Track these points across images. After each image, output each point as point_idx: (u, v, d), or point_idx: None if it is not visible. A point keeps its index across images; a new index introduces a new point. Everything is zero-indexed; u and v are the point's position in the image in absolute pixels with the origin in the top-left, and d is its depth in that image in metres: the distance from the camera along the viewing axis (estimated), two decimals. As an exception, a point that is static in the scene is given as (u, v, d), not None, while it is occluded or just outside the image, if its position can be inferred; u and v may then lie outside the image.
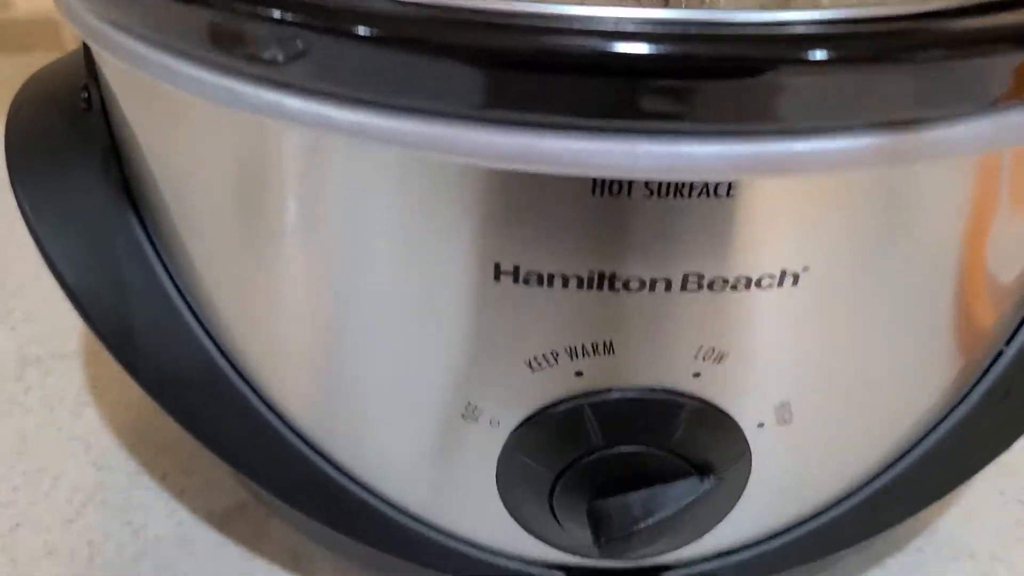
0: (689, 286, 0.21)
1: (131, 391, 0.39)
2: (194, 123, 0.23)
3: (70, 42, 0.67)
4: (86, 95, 0.28)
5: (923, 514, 0.34)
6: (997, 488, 0.36)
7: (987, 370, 0.28)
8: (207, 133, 0.23)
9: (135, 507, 0.34)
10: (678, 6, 0.20)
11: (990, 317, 0.27)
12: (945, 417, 0.28)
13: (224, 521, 0.34)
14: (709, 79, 0.18)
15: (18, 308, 0.45)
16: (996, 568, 0.32)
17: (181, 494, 0.35)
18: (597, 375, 0.23)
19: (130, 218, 0.28)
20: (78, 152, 0.29)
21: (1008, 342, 0.28)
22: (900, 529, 0.34)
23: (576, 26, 0.18)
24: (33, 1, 0.64)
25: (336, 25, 0.18)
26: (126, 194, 0.28)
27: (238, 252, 0.25)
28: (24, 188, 0.29)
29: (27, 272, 0.47)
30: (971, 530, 0.34)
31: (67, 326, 0.43)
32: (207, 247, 0.26)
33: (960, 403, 0.28)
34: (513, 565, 0.28)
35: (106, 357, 0.40)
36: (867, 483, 0.28)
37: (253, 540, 0.33)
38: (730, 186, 0.20)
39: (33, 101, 0.31)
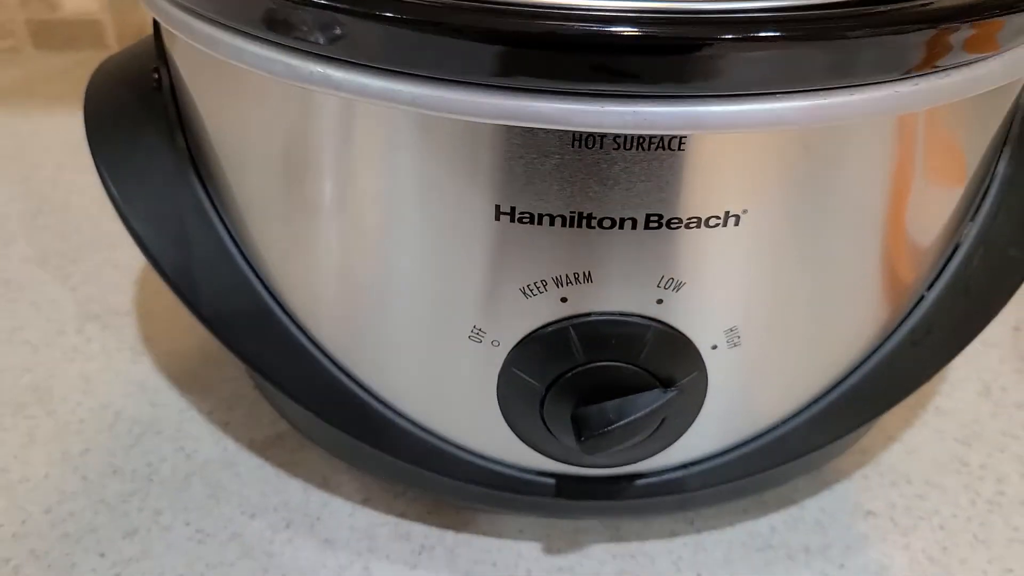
0: (651, 224, 0.26)
1: (180, 344, 0.45)
2: (251, 95, 0.29)
3: (113, 41, 0.72)
4: (157, 76, 0.34)
5: (867, 447, 0.39)
6: (936, 428, 0.41)
7: (911, 311, 0.33)
8: (261, 103, 0.28)
9: (186, 436, 0.40)
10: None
11: (912, 265, 0.32)
12: (876, 350, 0.33)
13: (263, 448, 0.39)
14: (662, 54, 0.23)
15: (76, 272, 0.50)
16: (929, 492, 0.37)
17: (225, 426, 0.40)
18: (579, 301, 0.28)
19: (193, 180, 0.34)
20: (150, 124, 0.34)
21: (929, 288, 0.33)
22: (847, 459, 0.39)
23: (559, 12, 0.23)
24: (80, 3, 0.70)
25: (372, 11, 0.23)
26: (190, 159, 0.34)
27: (282, 204, 0.30)
28: (102, 155, 0.34)
29: (82, 241, 0.53)
30: (910, 462, 0.39)
31: (120, 289, 0.49)
32: (256, 201, 0.32)
33: (889, 338, 0.33)
34: (511, 472, 0.33)
35: (156, 315, 0.46)
36: (809, 405, 0.33)
37: (289, 465, 0.39)
38: (681, 140, 0.25)
39: (108, 81, 0.36)
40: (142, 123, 0.34)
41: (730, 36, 0.23)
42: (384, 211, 0.28)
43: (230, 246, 0.34)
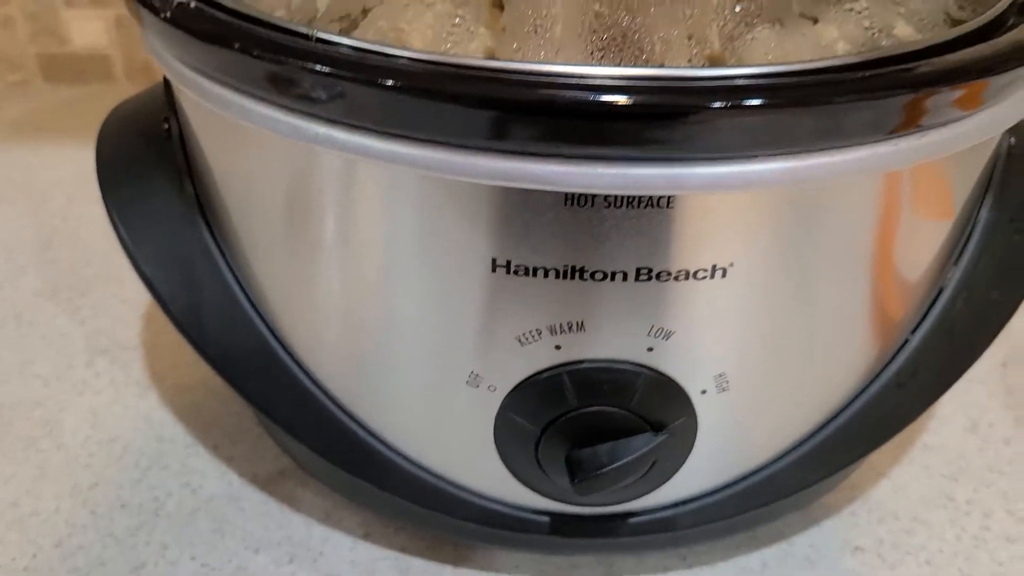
0: (641, 277, 0.27)
1: (186, 378, 0.46)
2: (258, 150, 0.30)
3: (121, 74, 0.74)
4: (167, 126, 0.35)
5: (856, 483, 0.40)
6: (923, 464, 0.41)
7: (896, 354, 0.34)
8: (267, 157, 0.30)
9: (192, 471, 0.41)
10: (629, 64, 0.26)
11: (897, 310, 0.33)
12: (861, 392, 0.34)
13: (267, 483, 0.40)
14: (650, 121, 0.24)
15: (85, 305, 0.51)
16: (916, 527, 0.38)
17: (230, 461, 0.41)
18: (572, 349, 0.29)
19: (201, 226, 0.35)
20: (159, 172, 0.35)
21: (913, 331, 0.34)
22: (836, 496, 0.40)
23: (552, 81, 0.24)
24: (88, 37, 0.71)
25: (375, 79, 0.25)
26: (198, 206, 0.35)
27: (287, 252, 0.32)
28: (113, 200, 0.35)
29: (91, 274, 0.54)
30: (898, 498, 0.40)
31: (128, 323, 0.50)
32: (261, 247, 0.33)
33: (874, 380, 0.34)
34: (507, 511, 0.34)
35: (164, 349, 0.47)
36: (797, 445, 0.34)
37: (291, 500, 0.40)
38: (669, 199, 0.26)
39: (119, 127, 0.38)
40: (152, 170, 0.36)
41: (715, 104, 0.24)
42: (384, 262, 0.29)
43: (236, 290, 0.35)
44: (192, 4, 0.28)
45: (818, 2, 0.28)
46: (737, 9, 0.27)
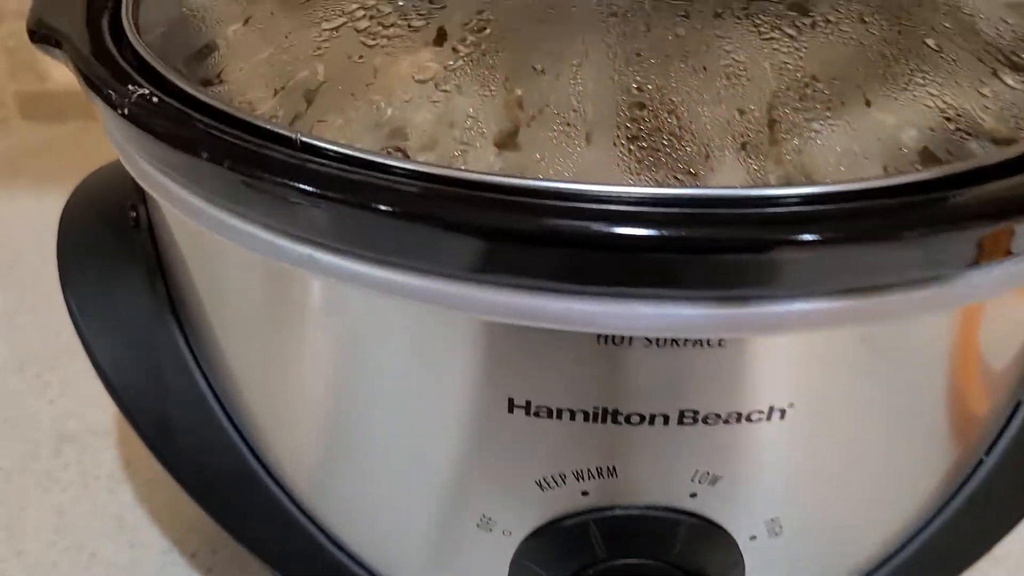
0: (685, 420, 0.23)
1: (161, 470, 0.42)
2: (235, 259, 0.26)
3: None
4: (135, 214, 0.31)
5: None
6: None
7: (968, 477, 0.30)
8: (245, 270, 0.25)
9: (166, 586, 0.37)
10: (673, 183, 0.22)
11: (971, 432, 0.29)
12: (928, 523, 0.30)
13: (250, 601, 0.36)
14: (696, 255, 0.20)
15: (54, 382, 0.47)
16: (983, 658, 0.34)
17: (209, 572, 0.37)
18: (602, 494, 0.25)
19: (172, 328, 0.31)
20: (126, 265, 0.31)
21: (988, 451, 0.30)
22: (891, 618, 0.35)
23: (579, 207, 0.20)
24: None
25: (367, 201, 0.20)
26: (169, 306, 0.30)
27: (270, 368, 0.27)
28: (74, 294, 0.31)
29: (62, 344, 0.49)
30: (960, 620, 0.35)
31: (101, 403, 0.45)
32: (242, 361, 0.28)
33: (943, 509, 0.30)
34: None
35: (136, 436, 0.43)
36: (855, 587, 0.30)
37: (277, 619, 0.35)
38: (720, 338, 0.22)
39: (84, 212, 0.33)
40: (119, 263, 0.31)
41: (776, 237, 0.19)
42: (383, 396, 0.25)
43: (212, 402, 0.30)
44: (154, 97, 0.24)
45: (893, 98, 0.24)
46: (799, 106, 0.23)
